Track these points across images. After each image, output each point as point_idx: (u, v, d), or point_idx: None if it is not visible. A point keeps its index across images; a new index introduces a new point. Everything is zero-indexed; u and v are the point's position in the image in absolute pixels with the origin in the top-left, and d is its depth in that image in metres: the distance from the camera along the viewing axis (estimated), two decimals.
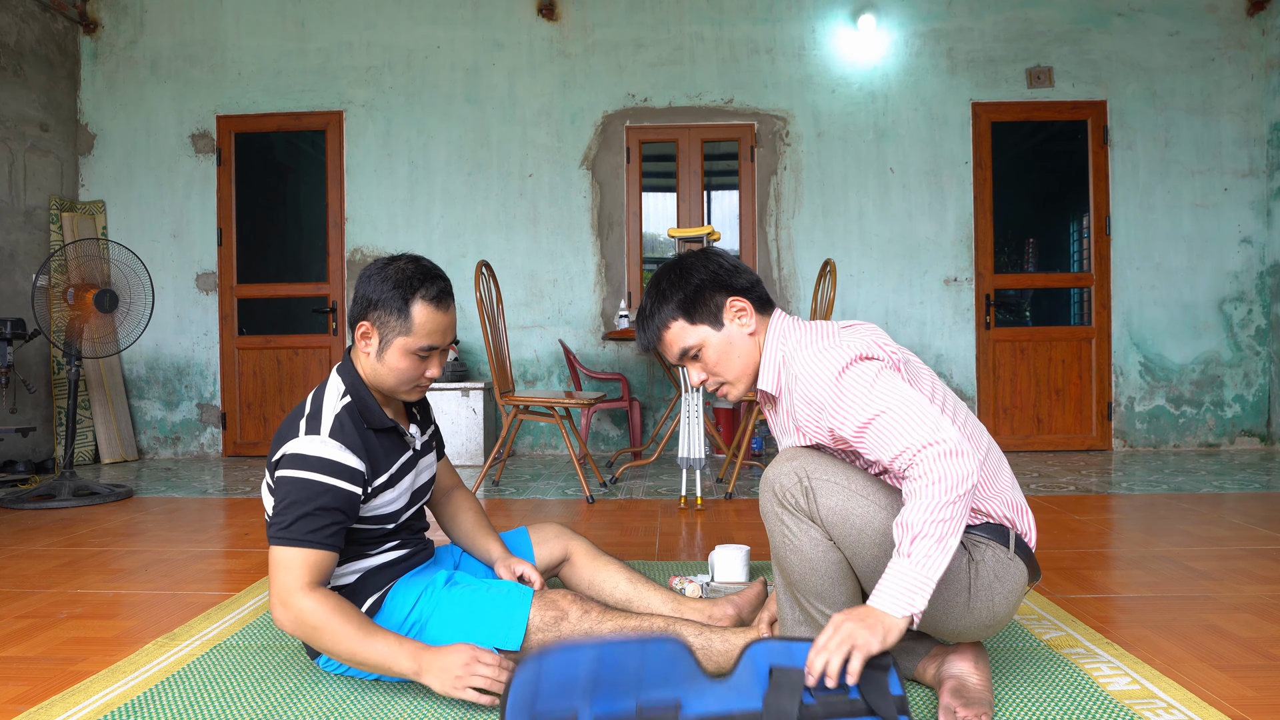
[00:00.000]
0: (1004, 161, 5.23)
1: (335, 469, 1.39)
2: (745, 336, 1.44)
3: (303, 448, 1.40)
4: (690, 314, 1.44)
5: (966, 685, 1.34)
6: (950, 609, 1.32)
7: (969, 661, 1.37)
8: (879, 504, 1.31)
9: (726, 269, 1.45)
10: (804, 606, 1.37)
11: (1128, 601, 2.01)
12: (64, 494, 3.59)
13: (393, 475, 1.53)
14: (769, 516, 1.36)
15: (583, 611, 1.51)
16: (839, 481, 1.31)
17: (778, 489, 1.34)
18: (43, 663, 1.69)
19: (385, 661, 1.36)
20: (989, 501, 1.36)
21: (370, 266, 1.50)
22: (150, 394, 5.28)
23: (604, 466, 4.60)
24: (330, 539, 1.38)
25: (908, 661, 1.47)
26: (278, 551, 1.37)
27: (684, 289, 1.44)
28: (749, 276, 1.47)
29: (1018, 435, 5.11)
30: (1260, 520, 2.92)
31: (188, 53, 5.27)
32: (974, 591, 1.32)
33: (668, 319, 1.45)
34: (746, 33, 5.16)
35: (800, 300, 5.13)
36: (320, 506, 1.37)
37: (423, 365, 1.49)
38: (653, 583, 1.78)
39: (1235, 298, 5.04)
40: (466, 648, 1.36)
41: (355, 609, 1.40)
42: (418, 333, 1.45)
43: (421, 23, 5.23)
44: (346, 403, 1.48)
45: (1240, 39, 5.03)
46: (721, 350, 1.44)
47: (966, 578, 1.32)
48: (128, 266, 3.84)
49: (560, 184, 5.20)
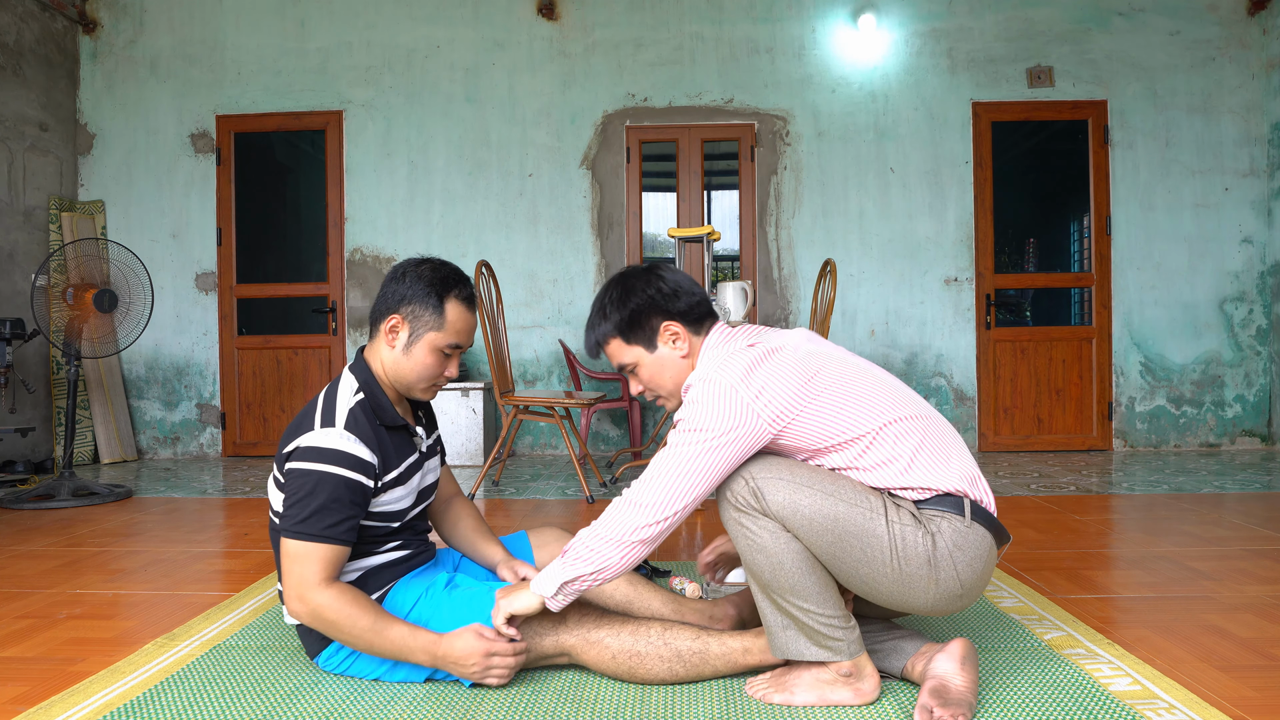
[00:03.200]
0: (1004, 161, 5.22)
1: (349, 460, 1.41)
2: (677, 359, 1.53)
3: (317, 440, 1.41)
4: (626, 335, 1.53)
5: (948, 686, 1.35)
6: (913, 585, 1.34)
7: (955, 661, 1.38)
8: (824, 491, 1.35)
9: (666, 293, 1.52)
10: (783, 608, 1.38)
11: (1128, 602, 2.01)
12: (63, 494, 3.59)
13: (402, 473, 1.54)
14: (729, 524, 1.40)
15: (579, 615, 1.51)
16: (782, 476, 1.36)
17: (729, 496, 1.40)
18: (42, 663, 1.69)
19: (401, 653, 1.43)
20: (936, 476, 1.37)
21: (400, 265, 1.56)
22: (150, 394, 5.28)
23: (604, 466, 4.59)
24: (345, 534, 1.41)
25: (895, 660, 1.47)
26: (293, 545, 1.39)
27: (621, 311, 1.52)
28: (689, 299, 1.53)
29: (1018, 435, 5.11)
30: (1261, 520, 2.92)
31: (187, 52, 5.26)
32: (936, 564, 1.33)
33: (606, 336, 1.55)
34: (746, 32, 5.16)
35: (800, 300, 5.13)
36: (334, 499, 1.39)
37: (445, 363, 1.55)
38: (653, 584, 1.77)
39: (1236, 298, 5.04)
40: (475, 637, 1.42)
41: (370, 601, 1.43)
42: (449, 329, 1.52)
43: (421, 23, 5.22)
44: (360, 399, 1.50)
45: (1241, 38, 5.03)
46: (654, 370, 1.54)
47: (926, 552, 1.33)
48: (127, 266, 3.84)
49: (560, 184, 5.20)
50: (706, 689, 1.48)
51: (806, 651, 1.37)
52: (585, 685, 1.51)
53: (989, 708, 1.38)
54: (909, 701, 1.41)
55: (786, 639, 1.39)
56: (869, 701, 1.40)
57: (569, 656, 1.51)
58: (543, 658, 1.51)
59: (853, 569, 1.35)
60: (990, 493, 1.43)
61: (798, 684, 1.40)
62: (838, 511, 1.34)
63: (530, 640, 1.48)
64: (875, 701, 1.41)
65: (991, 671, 1.54)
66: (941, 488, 1.37)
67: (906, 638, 1.49)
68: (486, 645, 1.41)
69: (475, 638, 1.42)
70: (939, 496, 1.37)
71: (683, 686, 1.49)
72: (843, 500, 1.35)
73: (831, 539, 1.34)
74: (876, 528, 1.33)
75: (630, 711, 1.40)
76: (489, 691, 1.48)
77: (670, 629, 1.50)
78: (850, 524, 1.33)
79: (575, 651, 1.49)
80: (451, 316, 1.52)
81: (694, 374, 1.45)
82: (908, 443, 1.38)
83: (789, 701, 1.40)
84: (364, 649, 1.43)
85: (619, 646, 1.47)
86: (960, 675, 1.36)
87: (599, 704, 1.43)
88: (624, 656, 1.47)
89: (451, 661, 1.42)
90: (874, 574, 1.35)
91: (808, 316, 5.08)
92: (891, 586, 1.35)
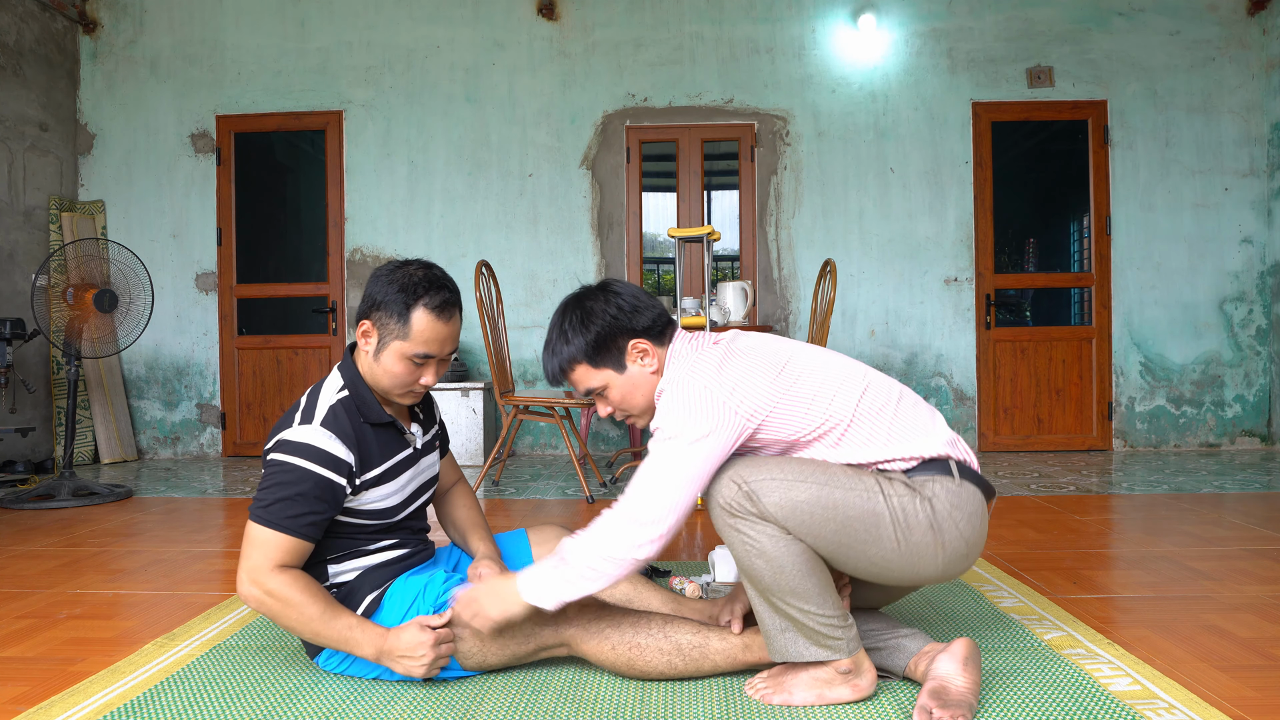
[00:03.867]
0: (1004, 161, 5.22)
1: (321, 456, 1.42)
2: (647, 375, 1.50)
3: (293, 434, 1.43)
4: (594, 359, 1.50)
5: (948, 687, 1.35)
6: (922, 554, 1.35)
7: (958, 662, 1.38)
8: (818, 482, 1.35)
9: (627, 310, 1.49)
10: (782, 610, 1.37)
11: (1128, 601, 2.01)
12: (63, 494, 3.59)
13: (387, 471, 1.53)
14: (725, 530, 1.39)
15: (580, 606, 1.51)
16: (774, 476, 1.35)
17: (722, 501, 1.37)
18: (42, 663, 1.69)
19: (346, 644, 1.42)
20: (918, 444, 1.40)
21: (382, 267, 1.51)
22: (150, 394, 5.28)
23: (604, 466, 4.60)
24: (306, 528, 1.41)
25: (898, 659, 1.47)
26: (254, 529, 1.40)
27: (585, 334, 1.49)
28: (649, 313, 1.51)
29: (1018, 435, 5.11)
30: (1261, 520, 2.92)
31: (187, 52, 5.26)
32: (939, 528, 1.35)
33: (571, 361, 1.51)
34: (746, 32, 5.16)
35: (800, 300, 5.13)
36: (301, 493, 1.40)
37: (417, 371, 1.50)
38: (652, 583, 1.78)
39: (1236, 298, 5.04)
40: (419, 629, 1.42)
41: (322, 591, 1.43)
42: (415, 339, 1.46)
43: (421, 22, 5.22)
44: (343, 396, 1.50)
45: (1241, 38, 5.03)
46: (625, 390, 1.51)
47: (927, 518, 1.35)
48: (127, 266, 3.84)
49: (560, 184, 5.20)
50: (706, 689, 1.48)
51: (806, 653, 1.37)
52: (585, 685, 1.51)
53: (989, 708, 1.38)
54: (909, 701, 1.41)
55: (785, 642, 1.39)
56: (866, 697, 1.40)
57: (568, 648, 1.51)
58: (542, 649, 1.51)
59: (860, 553, 1.35)
60: (970, 452, 1.45)
61: (796, 684, 1.40)
62: (835, 499, 1.34)
63: (530, 632, 1.48)
64: (872, 697, 1.41)
65: (991, 672, 1.54)
66: (926, 454, 1.39)
67: (909, 637, 1.48)
68: (433, 636, 1.42)
69: (420, 629, 1.42)
70: (925, 463, 1.39)
71: (683, 686, 1.49)
72: (838, 486, 1.35)
73: (835, 528, 1.34)
74: (876, 506, 1.34)
75: (630, 711, 1.40)
76: (489, 691, 1.48)
77: (671, 622, 1.51)
78: (851, 508, 1.34)
79: (575, 642, 1.49)
80: (418, 326, 1.46)
81: (664, 380, 1.44)
82: (884, 416, 1.41)
83: (788, 702, 1.40)
84: (310, 638, 1.42)
85: (619, 637, 1.47)
86: (962, 676, 1.36)
87: (599, 704, 1.43)
88: (624, 648, 1.47)
89: (398, 655, 1.41)
90: (882, 553, 1.35)
91: (807, 316, 5.08)
92: (901, 562, 1.36)
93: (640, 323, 1.50)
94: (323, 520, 1.43)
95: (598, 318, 1.49)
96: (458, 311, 1.52)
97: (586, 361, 1.50)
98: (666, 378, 1.44)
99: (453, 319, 1.50)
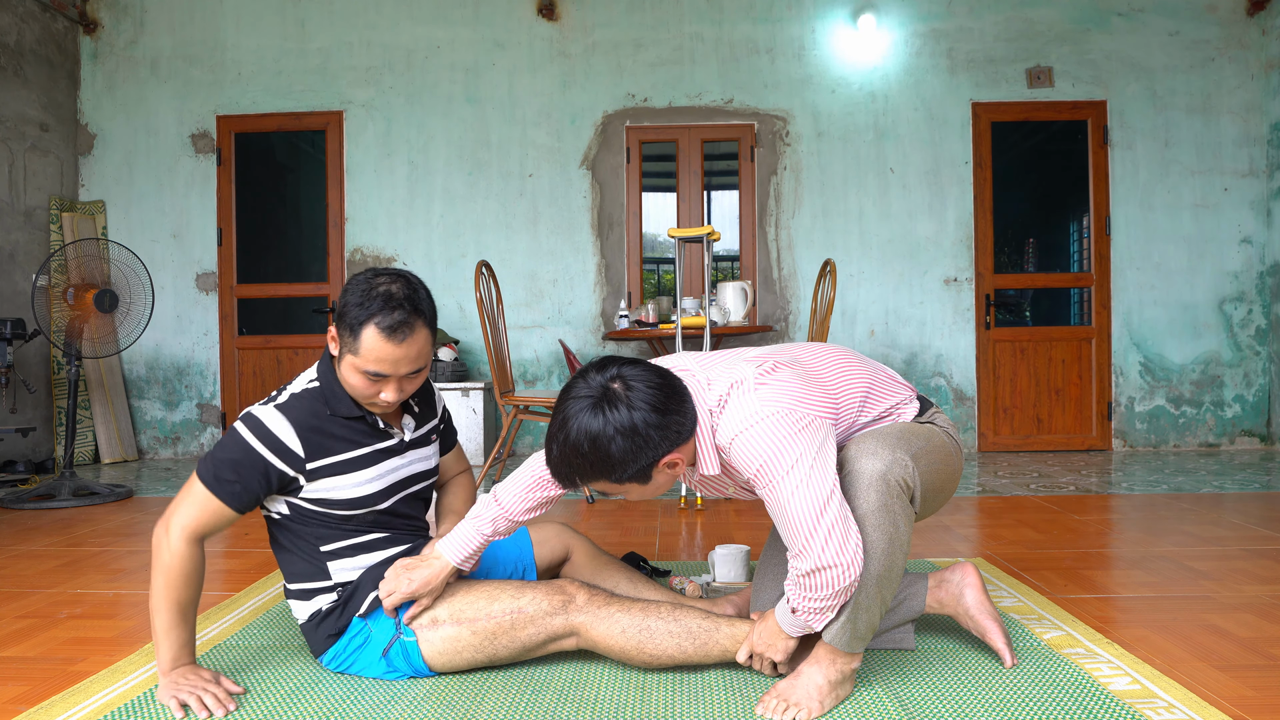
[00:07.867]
0: (1004, 161, 5.23)
1: (267, 437, 1.46)
2: (670, 478, 1.38)
3: (254, 409, 1.50)
4: (620, 480, 1.35)
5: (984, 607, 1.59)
6: (956, 472, 1.53)
7: (977, 590, 1.60)
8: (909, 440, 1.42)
9: (655, 440, 1.31)
10: (884, 599, 1.37)
11: (1128, 601, 2.01)
12: (64, 494, 3.59)
13: (353, 460, 1.51)
14: (877, 511, 1.33)
15: (589, 595, 1.52)
16: (913, 447, 1.41)
17: (892, 480, 1.33)
18: (43, 663, 1.69)
19: (155, 642, 1.45)
20: (906, 389, 1.56)
21: (359, 275, 1.47)
22: (150, 394, 5.28)
23: None
24: (233, 498, 1.45)
25: (913, 603, 1.60)
26: (194, 483, 1.46)
27: (609, 475, 1.33)
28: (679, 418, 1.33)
29: (1018, 435, 5.11)
30: (1260, 520, 2.92)
31: (188, 53, 5.27)
32: (958, 445, 1.54)
33: (592, 482, 1.37)
34: (746, 33, 5.16)
35: (800, 300, 5.13)
36: (236, 461, 1.45)
37: (375, 386, 1.46)
38: (653, 582, 1.78)
39: (1235, 298, 5.04)
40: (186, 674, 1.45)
41: (198, 588, 1.46)
42: (364, 357, 1.42)
43: (421, 23, 5.23)
44: (312, 386, 1.53)
45: (1240, 39, 5.03)
46: (645, 494, 1.41)
47: (952, 443, 1.52)
48: (127, 266, 3.84)
49: (560, 184, 5.20)
50: (707, 689, 1.48)
51: (849, 645, 1.38)
52: (585, 685, 1.51)
53: (989, 708, 1.39)
54: (907, 698, 1.41)
55: (836, 626, 1.37)
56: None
57: (577, 636, 1.51)
58: (552, 638, 1.51)
59: (943, 485, 1.48)
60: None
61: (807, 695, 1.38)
62: (921, 447, 1.42)
63: (540, 621, 1.49)
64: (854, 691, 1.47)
65: (991, 671, 1.54)
66: (912, 396, 1.57)
67: (908, 584, 1.60)
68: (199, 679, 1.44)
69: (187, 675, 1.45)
70: (912, 404, 1.55)
71: (684, 686, 1.49)
72: (918, 436, 1.44)
73: (934, 474, 1.44)
74: (938, 440, 1.48)
75: (631, 711, 1.40)
76: (489, 691, 1.48)
77: (680, 608, 1.53)
78: (936, 452, 1.45)
79: (584, 628, 1.50)
80: (366, 345, 1.41)
81: (733, 426, 1.33)
82: (881, 378, 1.54)
83: (811, 714, 1.36)
84: (152, 609, 1.45)
85: (629, 620, 1.49)
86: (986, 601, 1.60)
87: (599, 704, 1.43)
88: (634, 630, 1.48)
89: (168, 685, 1.43)
90: (951, 482, 1.51)
91: (807, 316, 5.08)
92: (953, 484, 1.53)
93: (679, 440, 1.34)
94: (250, 496, 1.46)
95: (619, 466, 1.31)
96: (414, 333, 1.43)
97: (611, 482, 1.36)
98: (736, 424, 1.33)
99: (406, 341, 1.42)
